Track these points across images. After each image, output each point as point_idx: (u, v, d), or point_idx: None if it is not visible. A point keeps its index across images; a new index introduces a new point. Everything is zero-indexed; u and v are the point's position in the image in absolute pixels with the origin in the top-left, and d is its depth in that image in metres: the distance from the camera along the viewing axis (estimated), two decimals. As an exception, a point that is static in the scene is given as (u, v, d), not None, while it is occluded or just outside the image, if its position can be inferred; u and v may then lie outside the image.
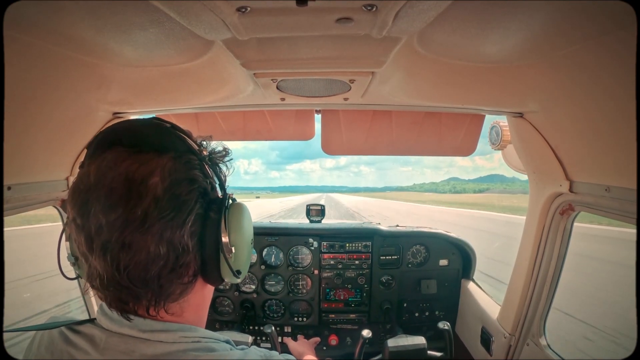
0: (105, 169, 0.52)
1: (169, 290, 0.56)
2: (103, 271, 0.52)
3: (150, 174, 0.52)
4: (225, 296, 2.26)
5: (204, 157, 0.60)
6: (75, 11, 0.68)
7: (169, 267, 0.54)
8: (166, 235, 0.52)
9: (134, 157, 0.53)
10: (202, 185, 0.58)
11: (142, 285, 0.53)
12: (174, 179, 0.53)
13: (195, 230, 0.56)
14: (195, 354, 0.56)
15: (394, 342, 1.64)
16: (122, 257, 0.51)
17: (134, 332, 0.56)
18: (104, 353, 0.55)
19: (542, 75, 0.99)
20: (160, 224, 0.51)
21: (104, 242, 0.51)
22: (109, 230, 0.50)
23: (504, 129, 1.58)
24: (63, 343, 0.58)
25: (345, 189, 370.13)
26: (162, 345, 0.56)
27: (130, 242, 0.50)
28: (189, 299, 0.61)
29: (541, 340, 1.49)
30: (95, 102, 1.23)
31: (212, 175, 0.61)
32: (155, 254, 0.52)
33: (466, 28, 0.78)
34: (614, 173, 1.01)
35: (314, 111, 1.68)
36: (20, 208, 1.10)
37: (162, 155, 0.54)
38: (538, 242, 1.43)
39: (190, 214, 0.55)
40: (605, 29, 0.72)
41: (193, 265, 0.58)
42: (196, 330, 0.61)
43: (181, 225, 0.54)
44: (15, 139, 0.97)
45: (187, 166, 0.56)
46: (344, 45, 0.87)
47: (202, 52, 0.91)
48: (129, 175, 0.51)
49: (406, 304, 2.24)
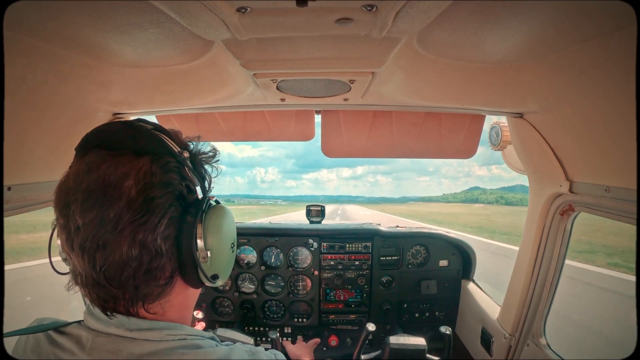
0: (84, 172, 0.53)
1: (145, 291, 0.57)
2: (82, 270, 0.54)
3: (125, 176, 0.53)
4: (225, 297, 2.26)
5: (184, 159, 0.60)
6: (75, 12, 0.68)
7: (143, 269, 0.54)
8: (139, 237, 0.53)
9: (111, 160, 0.54)
10: (177, 188, 0.57)
11: (118, 285, 0.54)
12: (148, 181, 0.54)
13: (170, 234, 0.56)
14: (181, 352, 0.57)
15: (395, 339, 1.63)
16: (98, 258, 0.52)
17: (121, 331, 0.57)
18: (91, 353, 0.56)
19: (542, 76, 0.99)
20: (132, 226, 0.52)
21: (82, 242, 0.52)
22: (85, 230, 0.52)
23: (504, 130, 1.59)
24: (49, 345, 0.59)
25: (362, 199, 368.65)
26: (149, 344, 0.57)
27: (104, 243, 0.52)
28: (170, 300, 0.62)
29: (541, 341, 1.49)
30: (95, 103, 1.23)
31: (191, 178, 0.61)
32: (128, 255, 0.52)
33: (466, 28, 0.78)
34: (614, 173, 1.01)
35: (314, 112, 1.68)
36: (20, 208, 1.09)
37: (139, 158, 0.55)
38: (538, 243, 1.43)
39: (164, 217, 0.55)
40: (605, 29, 0.72)
41: (169, 267, 0.58)
42: (182, 328, 0.61)
43: (154, 228, 0.54)
44: (15, 139, 0.97)
45: (163, 169, 0.56)
46: (343, 45, 0.87)
47: (202, 52, 0.91)
48: (105, 178, 0.52)
49: (406, 305, 2.23)
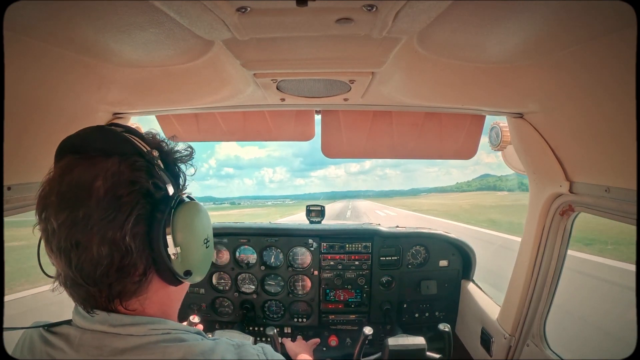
0: (58, 177, 0.56)
1: (118, 289, 0.58)
2: (62, 270, 0.57)
3: (95, 177, 0.55)
4: (225, 297, 2.26)
5: (152, 157, 0.61)
6: (75, 11, 0.68)
7: (114, 267, 0.55)
8: (108, 235, 0.54)
9: (83, 163, 0.57)
10: (144, 186, 0.58)
11: (93, 283, 0.56)
12: (115, 180, 0.55)
13: (139, 231, 0.57)
14: (164, 345, 0.58)
15: (394, 340, 1.64)
16: (73, 257, 0.54)
17: (105, 327, 0.58)
18: (78, 350, 0.58)
19: (542, 76, 0.99)
20: (101, 224, 0.54)
21: (58, 243, 0.54)
22: (60, 232, 0.54)
23: (504, 130, 1.58)
24: (42, 344, 0.61)
25: (372, 193, 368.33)
26: (132, 339, 0.58)
27: (77, 242, 0.54)
28: (149, 297, 0.63)
29: (541, 341, 1.49)
30: (95, 103, 1.23)
31: (160, 176, 0.61)
32: (99, 253, 0.54)
33: (466, 28, 0.78)
34: (614, 174, 1.01)
35: (314, 112, 1.68)
36: (20, 208, 1.09)
37: (108, 159, 0.57)
38: (538, 243, 1.43)
39: (131, 214, 0.56)
40: (605, 29, 0.72)
41: (141, 265, 0.59)
42: (165, 322, 0.62)
43: (122, 225, 0.55)
44: (15, 139, 0.97)
45: (130, 168, 0.57)
46: (344, 45, 0.87)
47: (202, 52, 0.91)
48: (77, 180, 0.55)
49: (406, 305, 2.23)
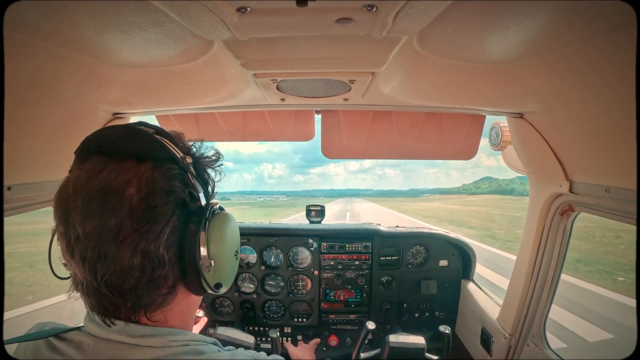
0: (84, 179, 0.52)
1: (147, 301, 0.56)
2: (83, 278, 0.53)
3: (127, 184, 0.52)
4: (225, 297, 2.26)
5: (186, 165, 0.59)
6: (75, 11, 0.68)
7: (145, 279, 0.53)
8: (141, 246, 0.52)
9: (112, 166, 0.53)
10: (180, 196, 0.56)
11: (120, 294, 0.53)
12: (150, 189, 0.52)
13: (172, 243, 0.55)
14: (184, 357, 0.56)
15: (395, 338, 1.63)
16: (99, 267, 0.51)
17: (123, 337, 0.56)
18: (92, 359, 0.55)
19: (542, 76, 0.99)
20: (134, 235, 0.51)
21: (82, 252, 0.51)
22: (86, 240, 0.51)
23: (504, 130, 1.58)
24: (49, 351, 0.58)
25: (371, 193, 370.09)
26: (151, 350, 0.56)
27: (106, 253, 0.51)
28: (172, 308, 0.61)
29: (541, 341, 1.49)
30: (95, 102, 1.23)
31: (194, 185, 0.60)
32: (130, 265, 0.51)
33: (466, 28, 0.78)
34: (614, 174, 1.01)
35: (314, 112, 1.68)
36: (20, 208, 1.09)
37: (140, 164, 0.54)
38: (538, 243, 1.43)
39: (166, 226, 0.54)
40: (605, 29, 0.72)
41: (171, 276, 0.57)
42: (184, 333, 0.61)
43: (156, 237, 0.53)
44: (15, 139, 0.97)
45: (165, 176, 0.55)
46: (344, 45, 0.87)
47: (202, 52, 0.91)
48: (105, 185, 0.51)
49: (406, 305, 2.23)
